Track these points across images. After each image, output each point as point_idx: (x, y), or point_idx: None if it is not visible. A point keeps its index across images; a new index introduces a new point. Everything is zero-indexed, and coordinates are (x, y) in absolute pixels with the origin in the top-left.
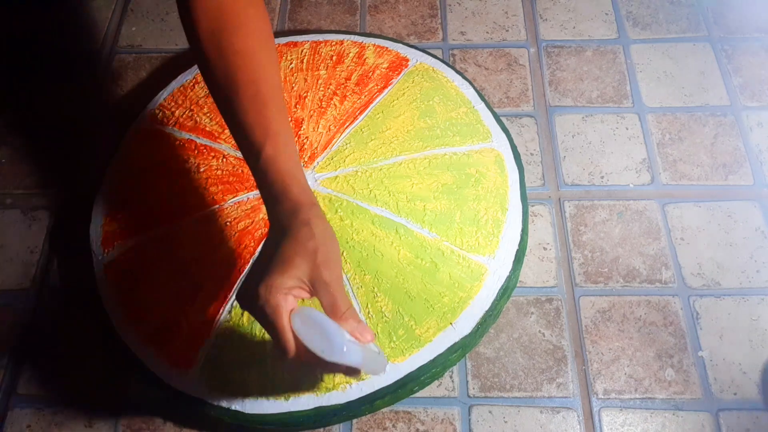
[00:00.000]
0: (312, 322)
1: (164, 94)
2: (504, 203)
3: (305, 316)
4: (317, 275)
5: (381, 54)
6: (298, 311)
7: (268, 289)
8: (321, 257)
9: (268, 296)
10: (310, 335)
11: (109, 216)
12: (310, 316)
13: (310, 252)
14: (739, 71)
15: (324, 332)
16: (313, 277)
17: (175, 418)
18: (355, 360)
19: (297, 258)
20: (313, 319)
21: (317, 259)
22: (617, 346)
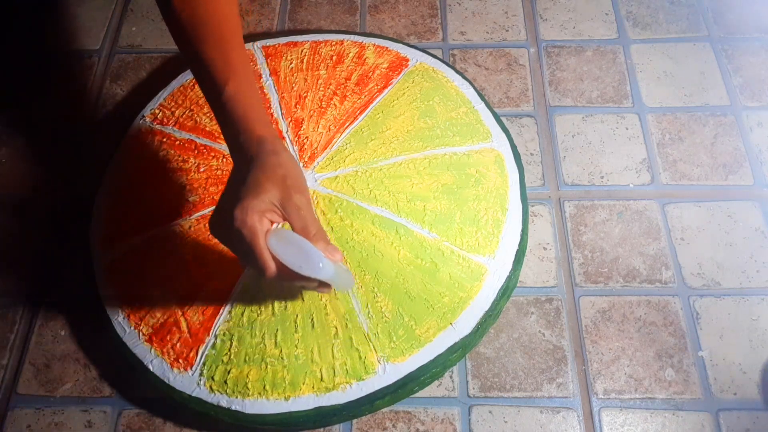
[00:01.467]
0: (287, 241)
1: (164, 94)
2: (504, 203)
3: (280, 236)
4: (288, 199)
5: (381, 54)
6: (273, 232)
7: (244, 211)
8: (290, 182)
9: (244, 217)
10: (287, 253)
11: (109, 216)
12: (285, 236)
13: (279, 178)
14: (739, 71)
15: (300, 250)
16: (284, 201)
17: (175, 418)
18: (328, 274)
19: (268, 183)
20: (288, 238)
21: (287, 184)
22: (617, 346)
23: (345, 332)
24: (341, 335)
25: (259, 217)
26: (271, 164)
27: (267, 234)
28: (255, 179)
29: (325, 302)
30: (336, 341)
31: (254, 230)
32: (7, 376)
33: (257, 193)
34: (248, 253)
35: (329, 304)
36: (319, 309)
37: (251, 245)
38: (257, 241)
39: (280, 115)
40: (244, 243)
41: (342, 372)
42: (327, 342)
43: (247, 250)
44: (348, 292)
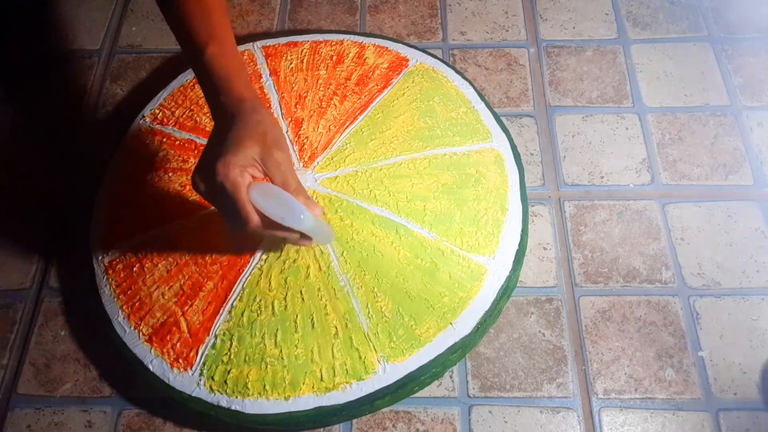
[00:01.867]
0: (269, 194)
1: (164, 94)
2: (504, 203)
3: (262, 189)
4: (269, 155)
5: (381, 54)
6: (255, 185)
7: (226, 165)
8: (270, 139)
9: (226, 171)
10: (270, 205)
11: (109, 216)
12: (267, 189)
13: (260, 134)
14: (739, 71)
15: (281, 202)
16: (264, 157)
17: (175, 418)
18: (309, 225)
19: (248, 140)
20: (270, 191)
21: (267, 141)
22: (617, 346)
23: (345, 332)
24: (341, 335)
25: (241, 171)
26: (251, 122)
27: (249, 188)
28: (236, 136)
29: (325, 302)
30: (336, 341)
31: (236, 183)
32: (7, 376)
33: (238, 148)
34: (231, 207)
35: (329, 303)
36: (319, 309)
37: (234, 198)
38: (239, 194)
39: (280, 115)
40: (227, 196)
41: (342, 372)
42: (327, 342)
43: (229, 204)
44: (328, 246)
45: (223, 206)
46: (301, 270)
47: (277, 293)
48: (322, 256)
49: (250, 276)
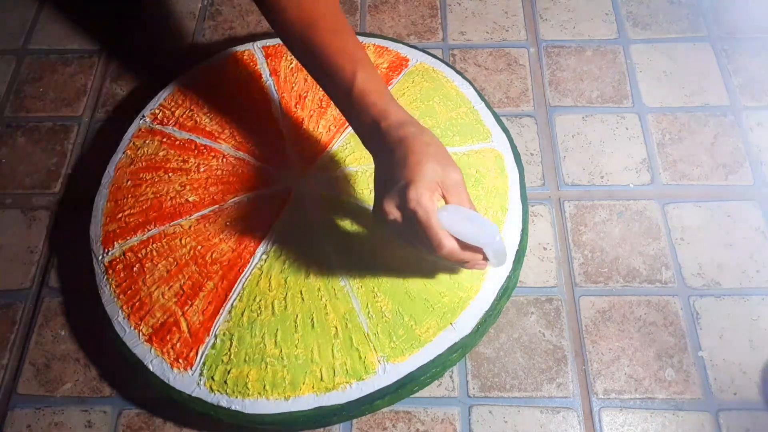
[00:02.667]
0: (459, 216)
1: (164, 94)
2: (504, 203)
3: (452, 211)
4: (447, 176)
5: (381, 54)
6: (443, 209)
7: (418, 192)
8: (445, 160)
9: (419, 198)
10: (462, 226)
11: (109, 216)
12: (456, 211)
13: (435, 155)
14: (739, 71)
15: (473, 222)
16: (444, 178)
17: (175, 418)
18: (500, 245)
19: (428, 163)
20: (460, 213)
21: (443, 163)
22: (617, 346)
23: (345, 332)
24: (341, 335)
25: (430, 195)
26: (423, 143)
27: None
28: (415, 160)
29: (325, 302)
30: (336, 341)
31: (428, 209)
32: (7, 376)
33: (422, 173)
34: (421, 233)
35: (329, 303)
36: (319, 309)
37: (426, 224)
38: (432, 219)
39: (281, 115)
40: (418, 223)
41: (342, 372)
42: (327, 342)
43: (419, 231)
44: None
45: (414, 233)
46: (301, 270)
47: (277, 293)
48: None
49: (250, 276)
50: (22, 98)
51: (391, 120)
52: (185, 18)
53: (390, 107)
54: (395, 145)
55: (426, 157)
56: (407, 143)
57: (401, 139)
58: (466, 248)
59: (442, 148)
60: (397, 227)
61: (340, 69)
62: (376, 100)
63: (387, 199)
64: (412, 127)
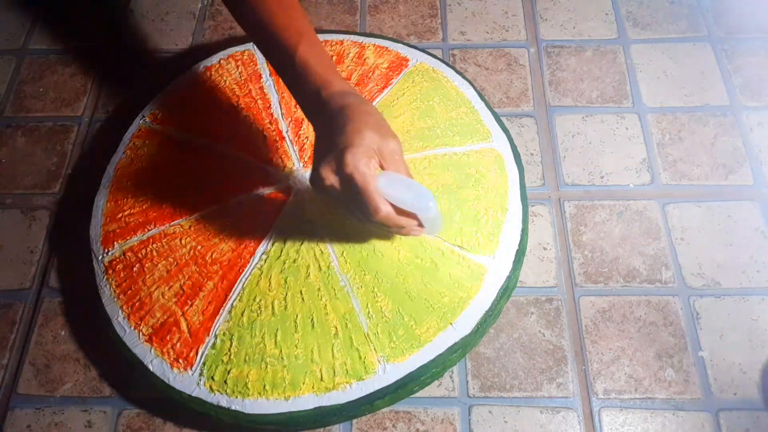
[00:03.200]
0: (396, 182)
1: (164, 94)
2: (504, 203)
3: (388, 177)
4: (385, 145)
5: (381, 54)
6: (380, 174)
7: (355, 156)
8: (384, 129)
9: (356, 162)
10: (398, 191)
11: (109, 216)
12: (393, 177)
13: (374, 124)
14: (739, 71)
15: (409, 188)
16: (381, 146)
17: (175, 418)
18: (434, 212)
19: (366, 130)
20: (396, 179)
21: (382, 131)
22: (617, 346)
23: (345, 332)
24: (341, 335)
25: (367, 161)
26: (363, 112)
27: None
28: (354, 127)
29: (325, 302)
30: (336, 341)
31: (365, 174)
32: (7, 376)
33: (360, 139)
34: (357, 197)
35: (329, 303)
36: (319, 309)
37: (363, 188)
38: (369, 184)
39: (280, 115)
40: (355, 187)
41: (342, 372)
42: (327, 342)
43: (356, 195)
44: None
45: (351, 198)
46: (301, 270)
47: (277, 293)
48: (322, 256)
49: (250, 276)
50: (22, 98)
51: (333, 89)
52: (185, 18)
53: (332, 77)
54: (335, 114)
55: (365, 125)
56: (347, 111)
57: (341, 108)
58: (402, 214)
59: (382, 118)
60: (335, 192)
61: (285, 39)
62: (318, 69)
63: (324, 165)
64: (353, 97)
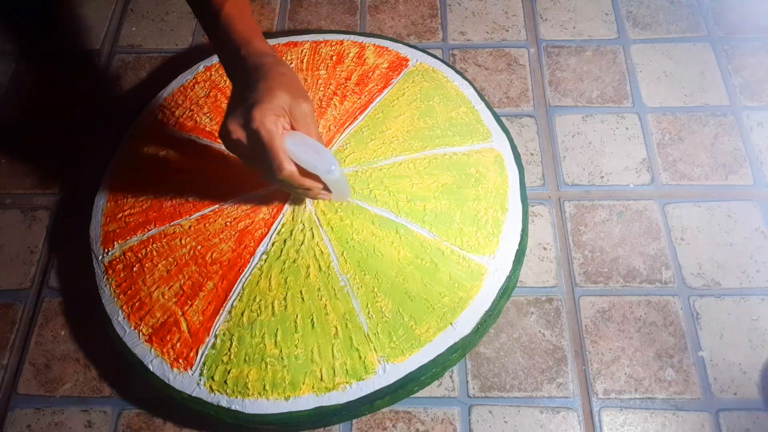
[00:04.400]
0: (301, 142)
1: (164, 94)
2: (504, 203)
3: (294, 137)
4: (296, 106)
5: (381, 54)
6: (287, 134)
7: (262, 113)
8: (296, 90)
9: (262, 119)
10: (303, 152)
11: (109, 216)
12: (298, 137)
13: (287, 85)
14: (739, 71)
15: (314, 150)
16: (292, 107)
17: (175, 418)
18: (336, 175)
19: (278, 90)
20: (301, 140)
21: (294, 92)
22: (617, 346)
23: (345, 332)
24: (341, 335)
25: (275, 119)
26: (277, 72)
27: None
28: (265, 85)
29: (325, 302)
30: (336, 341)
31: (271, 131)
32: (7, 376)
33: (270, 97)
34: (263, 154)
35: (329, 303)
36: (319, 309)
37: (269, 145)
38: (275, 141)
39: None
40: (261, 143)
41: (342, 372)
42: (327, 342)
43: (262, 151)
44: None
45: (257, 154)
46: (301, 270)
47: (277, 293)
48: (322, 256)
49: (250, 276)
50: (22, 98)
51: (252, 48)
52: (185, 18)
53: (253, 37)
54: (251, 71)
55: (277, 84)
56: (262, 70)
57: (258, 66)
58: (307, 176)
59: (297, 80)
60: (241, 147)
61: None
62: (240, 28)
63: (232, 119)
64: (270, 58)
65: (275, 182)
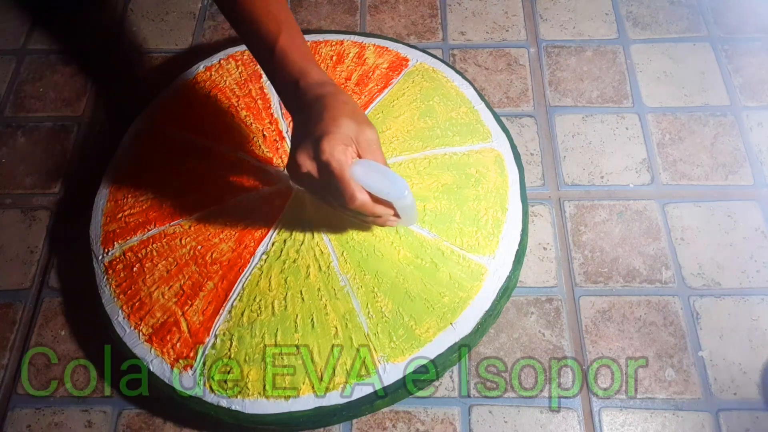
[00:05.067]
0: (371, 170)
1: (164, 94)
2: (504, 203)
3: (364, 165)
4: (362, 133)
5: (381, 54)
6: (357, 162)
7: (331, 144)
8: (361, 118)
9: (332, 150)
10: (373, 180)
11: (109, 216)
12: (369, 165)
13: (351, 113)
14: (739, 71)
15: (384, 177)
16: (358, 135)
17: (175, 418)
18: (409, 200)
19: (343, 118)
20: (372, 167)
21: (359, 120)
22: (617, 346)
23: (345, 332)
24: (341, 335)
25: (344, 149)
26: (340, 101)
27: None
28: (331, 115)
29: (325, 302)
30: (336, 341)
31: (341, 162)
32: (7, 376)
33: (337, 127)
34: (333, 185)
35: (329, 303)
36: (319, 309)
37: (339, 176)
38: (345, 172)
39: (280, 115)
40: (330, 174)
41: (342, 372)
42: (327, 342)
43: (332, 182)
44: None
45: (328, 186)
46: (301, 270)
47: (277, 293)
48: (322, 256)
49: (250, 276)
50: (22, 98)
51: (311, 79)
52: (185, 18)
53: (310, 67)
54: (313, 103)
55: (342, 113)
56: (325, 100)
57: (319, 97)
58: (378, 202)
59: (359, 108)
60: (311, 180)
61: (264, 29)
62: (296, 59)
63: (300, 151)
64: (330, 87)
65: (346, 213)
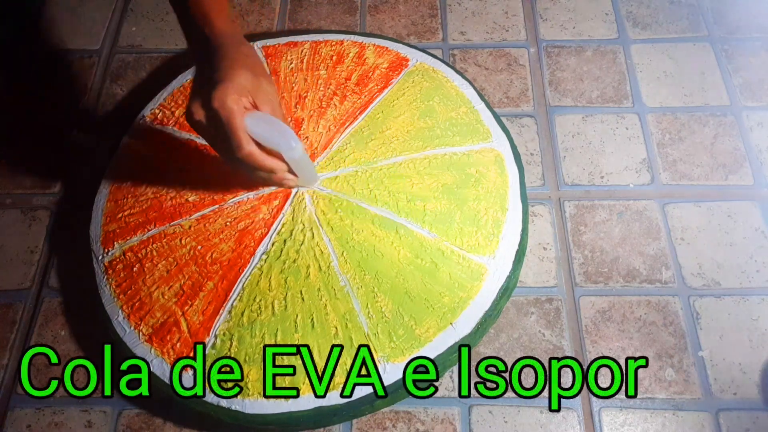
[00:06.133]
0: (263, 121)
1: (164, 94)
2: (504, 203)
3: (255, 116)
4: (258, 85)
5: (381, 54)
6: (249, 113)
7: (223, 92)
8: (259, 70)
9: (223, 98)
10: (264, 130)
11: (109, 216)
12: (260, 116)
13: (249, 65)
14: (739, 71)
15: (275, 128)
16: (254, 87)
17: (175, 418)
18: (300, 153)
19: (240, 69)
20: (263, 118)
21: (256, 72)
22: (617, 346)
23: (345, 332)
24: (341, 335)
25: (236, 98)
26: (240, 53)
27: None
28: (227, 65)
29: (325, 302)
30: (336, 341)
31: (232, 110)
32: (7, 376)
33: (232, 77)
34: (224, 133)
35: (329, 303)
36: (319, 309)
37: (229, 124)
38: (234, 120)
39: None
40: (222, 123)
41: (342, 372)
42: (327, 342)
43: (223, 130)
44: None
45: (218, 134)
46: (301, 270)
47: (277, 293)
48: (322, 256)
49: (250, 276)
50: (22, 98)
51: (216, 29)
52: None
53: (219, 18)
54: (214, 51)
55: (240, 64)
56: (225, 50)
57: (220, 46)
58: (270, 155)
59: (260, 60)
60: (203, 128)
61: None
62: (206, 9)
63: (194, 99)
64: (234, 38)
65: (238, 165)
